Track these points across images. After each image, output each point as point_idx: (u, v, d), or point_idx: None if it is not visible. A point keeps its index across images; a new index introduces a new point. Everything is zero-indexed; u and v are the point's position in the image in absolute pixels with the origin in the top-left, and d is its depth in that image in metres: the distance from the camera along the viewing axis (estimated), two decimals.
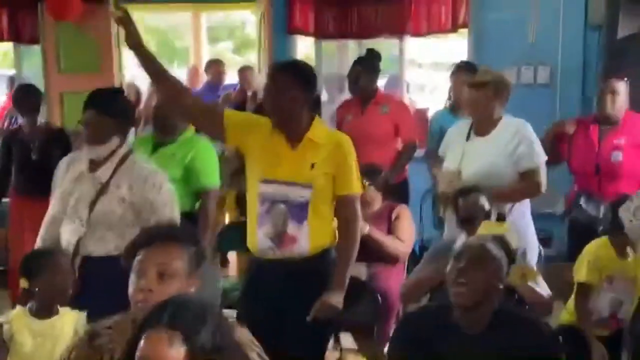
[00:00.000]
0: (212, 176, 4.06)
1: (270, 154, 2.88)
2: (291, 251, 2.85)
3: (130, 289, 2.00)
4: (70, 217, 3.13)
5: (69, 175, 3.22)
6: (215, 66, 7.67)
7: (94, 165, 3.13)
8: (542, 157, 3.68)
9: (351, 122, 4.88)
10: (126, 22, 2.81)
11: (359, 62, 5.03)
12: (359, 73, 4.91)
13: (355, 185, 2.95)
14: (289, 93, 2.82)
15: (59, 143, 4.76)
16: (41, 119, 5.15)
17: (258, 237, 2.88)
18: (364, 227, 3.63)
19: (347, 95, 5.66)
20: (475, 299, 2.39)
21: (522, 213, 3.74)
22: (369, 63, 4.98)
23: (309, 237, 2.86)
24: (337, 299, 2.85)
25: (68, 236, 3.12)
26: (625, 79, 4.21)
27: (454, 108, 4.79)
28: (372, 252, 3.70)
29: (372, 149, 4.65)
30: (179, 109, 3.15)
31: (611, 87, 4.14)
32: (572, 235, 4.30)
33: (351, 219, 2.96)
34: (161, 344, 1.67)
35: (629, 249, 3.16)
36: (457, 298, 2.40)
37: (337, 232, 3.00)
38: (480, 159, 3.66)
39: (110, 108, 3.16)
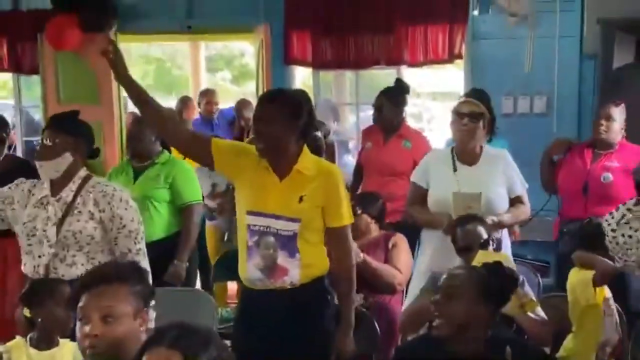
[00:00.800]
0: (194, 192, 4.24)
1: (258, 185, 2.86)
2: (282, 281, 2.83)
3: (78, 335, 1.99)
4: (36, 243, 3.10)
5: (31, 200, 3.17)
6: (207, 97, 7.29)
7: (56, 187, 3.12)
8: (525, 184, 3.80)
9: (371, 151, 4.93)
10: (111, 53, 2.83)
11: (385, 92, 4.99)
12: (384, 103, 4.89)
13: (346, 216, 2.92)
14: (276, 124, 2.78)
15: (23, 175, 3.72)
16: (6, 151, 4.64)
17: (248, 268, 2.86)
18: (358, 255, 3.65)
19: (341, 124, 5.71)
20: (453, 329, 2.41)
21: (504, 241, 3.80)
22: (395, 95, 4.96)
23: (300, 268, 2.83)
24: (350, 339, 2.89)
25: (33, 263, 3.10)
26: (622, 104, 4.24)
27: None
28: (367, 281, 3.69)
29: (389, 181, 4.73)
30: (167, 137, 3.15)
31: (607, 112, 4.20)
32: (559, 266, 4.27)
33: (344, 251, 2.95)
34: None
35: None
36: (437, 330, 2.44)
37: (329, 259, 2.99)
38: (480, 187, 3.68)
39: (62, 125, 3.15)
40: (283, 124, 2.78)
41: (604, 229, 2.12)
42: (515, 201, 3.74)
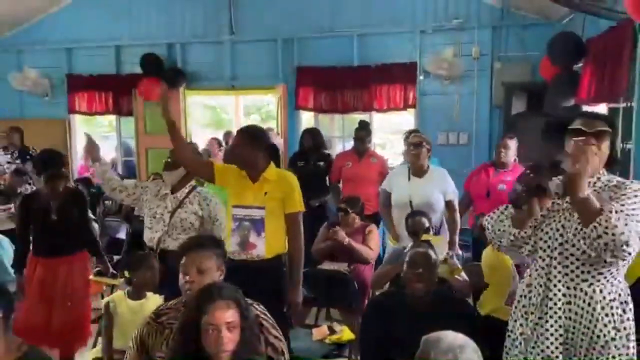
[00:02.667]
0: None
1: (239, 187, 2.85)
2: (251, 254, 2.79)
3: (180, 282, 2.00)
4: (155, 223, 3.14)
5: (159, 194, 3.21)
6: (228, 137, 6.63)
7: (175, 189, 3.18)
8: (456, 191, 3.85)
9: (351, 168, 4.88)
10: (164, 102, 2.90)
11: (362, 128, 4.95)
12: (363, 135, 4.88)
13: (297, 206, 2.84)
14: (243, 148, 2.80)
15: (77, 204, 3.43)
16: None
17: (231, 244, 2.80)
18: (344, 239, 3.65)
19: (332, 149, 5.67)
20: (427, 290, 2.41)
21: (444, 229, 3.82)
22: (368, 129, 4.98)
23: (265, 244, 2.79)
24: (297, 294, 2.80)
25: (151, 235, 3.14)
26: (515, 138, 4.25)
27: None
28: (351, 256, 3.71)
29: (364, 186, 4.68)
30: (183, 159, 3.02)
31: (504, 142, 4.20)
32: (474, 245, 4.25)
33: (296, 232, 2.84)
34: (225, 310, 1.66)
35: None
36: (416, 291, 2.39)
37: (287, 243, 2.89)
38: (425, 193, 3.72)
39: None
40: (247, 148, 2.78)
41: (486, 224, 2.12)
42: (448, 204, 3.78)
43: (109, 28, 6.69)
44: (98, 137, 8.91)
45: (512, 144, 4.19)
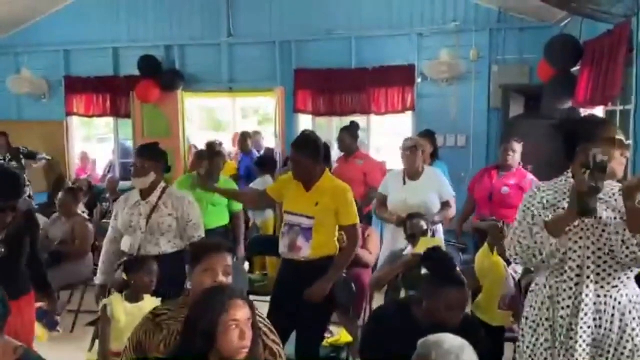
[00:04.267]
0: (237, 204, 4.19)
1: (292, 194, 2.93)
2: (298, 255, 2.87)
3: (207, 281, 1.92)
4: (132, 231, 3.10)
5: (127, 204, 3.17)
6: (242, 138, 6.21)
7: (144, 194, 3.13)
8: (453, 192, 3.79)
9: (337, 168, 4.88)
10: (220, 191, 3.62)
11: (345, 129, 4.93)
12: (345, 137, 4.87)
13: (351, 218, 2.90)
14: (302, 163, 2.85)
15: (29, 229, 2.72)
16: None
17: (281, 245, 2.94)
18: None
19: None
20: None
21: (439, 232, 3.79)
22: (353, 130, 4.93)
23: (311, 248, 2.85)
24: (323, 285, 2.83)
25: (130, 242, 3.10)
26: (521, 142, 4.17)
27: None
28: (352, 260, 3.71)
29: (350, 187, 4.69)
30: (248, 204, 3.46)
31: (511, 145, 4.13)
32: (475, 249, 4.23)
33: (351, 241, 2.93)
34: (245, 307, 1.67)
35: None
36: (447, 326, 1.97)
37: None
38: (420, 195, 3.69)
39: (148, 153, 3.16)
40: (307, 162, 2.85)
41: (510, 246, 1.98)
42: (444, 204, 3.74)
43: (107, 30, 6.68)
44: (95, 140, 8.95)
45: (519, 147, 4.15)
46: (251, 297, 2.89)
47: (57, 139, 6.96)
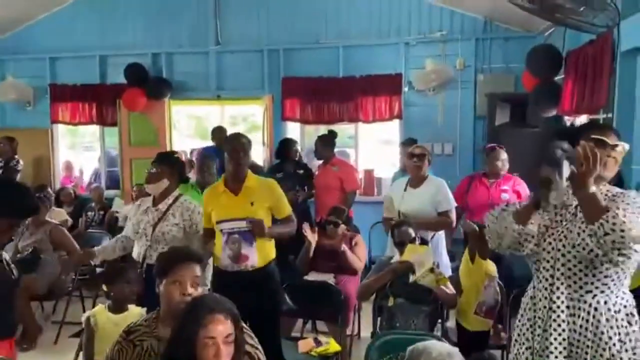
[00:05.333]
0: None
1: (222, 203, 2.88)
2: (245, 265, 2.81)
3: (176, 294, 1.90)
4: (139, 237, 3.10)
5: (140, 209, 3.18)
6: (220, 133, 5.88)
7: (157, 201, 3.13)
8: (453, 204, 3.75)
9: (318, 175, 5.07)
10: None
11: (318, 138, 5.10)
12: (317, 145, 5.02)
13: (287, 209, 2.95)
14: (235, 163, 2.85)
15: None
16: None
17: (222, 259, 2.84)
18: (340, 246, 3.66)
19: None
20: None
21: (439, 241, 3.78)
22: (327, 139, 5.05)
23: (257, 254, 2.81)
24: (266, 232, 2.81)
25: (139, 250, 3.10)
26: (503, 147, 4.25)
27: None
28: (337, 266, 3.68)
29: (325, 193, 4.85)
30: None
31: (498, 153, 4.19)
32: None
33: (290, 228, 2.97)
34: (224, 323, 1.62)
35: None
36: None
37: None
38: (414, 204, 3.70)
39: (163, 159, 3.17)
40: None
41: (486, 222, 2.09)
42: (442, 214, 3.71)
43: (93, 37, 6.64)
44: (81, 148, 8.85)
45: (504, 154, 4.21)
46: None
47: (42, 147, 6.88)
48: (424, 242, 3.45)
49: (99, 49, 6.65)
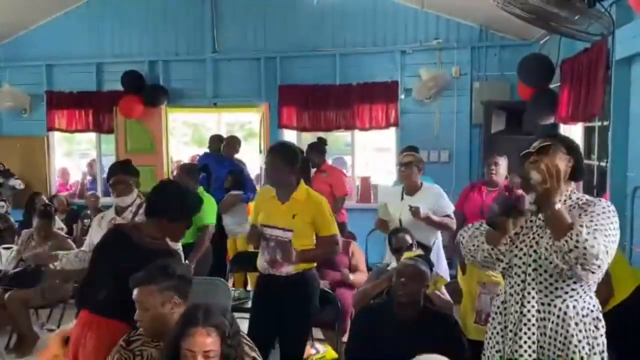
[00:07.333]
0: (209, 217, 3.99)
1: (268, 208, 2.86)
2: (280, 272, 2.81)
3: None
4: None
5: (102, 223, 3.12)
6: (217, 141, 5.84)
7: (119, 211, 3.11)
8: (451, 208, 3.77)
9: (311, 182, 4.94)
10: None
11: (310, 146, 5.06)
12: (309, 153, 4.93)
13: (331, 228, 2.82)
14: (277, 168, 2.76)
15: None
16: None
17: (261, 262, 2.86)
18: (348, 275, 3.72)
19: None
20: (411, 301, 2.49)
21: (439, 245, 3.80)
22: (316, 146, 5.04)
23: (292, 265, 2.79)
24: (294, 257, 2.73)
25: None
26: (505, 156, 4.19)
27: None
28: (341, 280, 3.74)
29: None
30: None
31: (495, 160, 4.15)
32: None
33: (328, 250, 2.88)
34: (205, 337, 1.62)
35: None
36: (400, 300, 2.51)
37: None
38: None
39: (130, 171, 3.17)
40: (283, 168, 2.75)
41: (460, 239, 2.11)
42: (446, 217, 3.71)
43: (90, 45, 6.64)
44: (77, 155, 8.82)
45: (503, 161, 4.17)
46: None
47: (38, 154, 6.85)
48: (426, 248, 3.45)
49: (95, 57, 6.66)
